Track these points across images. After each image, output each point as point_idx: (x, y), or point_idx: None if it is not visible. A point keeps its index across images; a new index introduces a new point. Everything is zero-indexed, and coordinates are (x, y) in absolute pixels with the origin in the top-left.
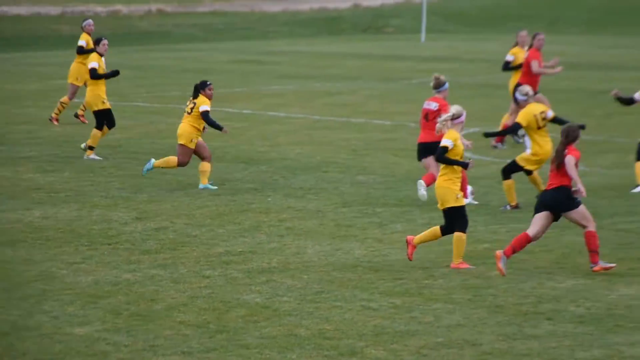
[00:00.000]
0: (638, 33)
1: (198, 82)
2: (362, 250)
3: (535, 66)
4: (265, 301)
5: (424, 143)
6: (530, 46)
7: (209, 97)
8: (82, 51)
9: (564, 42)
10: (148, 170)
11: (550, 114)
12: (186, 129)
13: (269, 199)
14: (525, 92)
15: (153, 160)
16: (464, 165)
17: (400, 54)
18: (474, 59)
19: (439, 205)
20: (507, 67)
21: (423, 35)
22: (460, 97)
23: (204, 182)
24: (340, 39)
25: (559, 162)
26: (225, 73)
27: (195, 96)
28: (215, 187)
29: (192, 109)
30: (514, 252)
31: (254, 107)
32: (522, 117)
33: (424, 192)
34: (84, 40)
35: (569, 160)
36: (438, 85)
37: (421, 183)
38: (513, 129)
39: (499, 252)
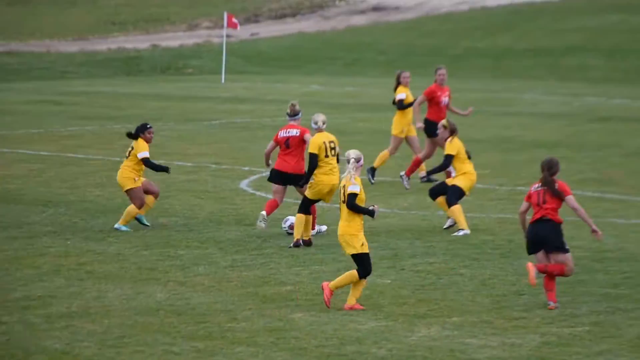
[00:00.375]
0: (431, 74)
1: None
2: (164, 294)
3: (417, 100)
4: (65, 347)
5: (288, 173)
6: (435, 81)
7: (148, 141)
8: None
9: (361, 84)
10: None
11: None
12: (125, 174)
13: (68, 242)
14: (316, 121)
15: (117, 224)
16: (371, 213)
17: (201, 94)
18: (274, 100)
19: (345, 250)
20: (402, 105)
21: (223, 77)
22: (260, 137)
23: (121, 223)
24: (139, 79)
25: (548, 195)
26: (22, 114)
27: (134, 138)
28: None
29: (129, 152)
30: (545, 271)
31: (52, 148)
32: (311, 146)
33: (263, 224)
34: None
35: (572, 201)
36: (295, 113)
37: (263, 215)
38: (311, 166)
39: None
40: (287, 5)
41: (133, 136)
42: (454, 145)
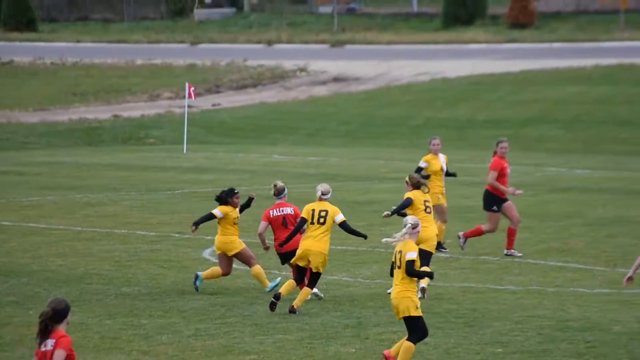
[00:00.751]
0: (392, 145)
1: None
2: None
3: (490, 177)
4: None
5: (294, 250)
6: (495, 153)
7: (235, 206)
8: None
9: (324, 154)
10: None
11: (340, 217)
12: (226, 240)
13: (31, 312)
14: (317, 189)
15: (200, 273)
16: (430, 276)
17: (162, 164)
18: (236, 170)
19: (398, 315)
20: (420, 173)
21: (185, 146)
22: None
23: (266, 285)
24: (101, 149)
25: None
26: None
27: (223, 203)
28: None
29: (218, 219)
30: None
31: (13, 218)
32: (303, 211)
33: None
34: None
35: None
36: (280, 192)
37: (316, 292)
38: (296, 227)
39: None
40: (248, 75)
41: (221, 201)
42: (409, 193)
